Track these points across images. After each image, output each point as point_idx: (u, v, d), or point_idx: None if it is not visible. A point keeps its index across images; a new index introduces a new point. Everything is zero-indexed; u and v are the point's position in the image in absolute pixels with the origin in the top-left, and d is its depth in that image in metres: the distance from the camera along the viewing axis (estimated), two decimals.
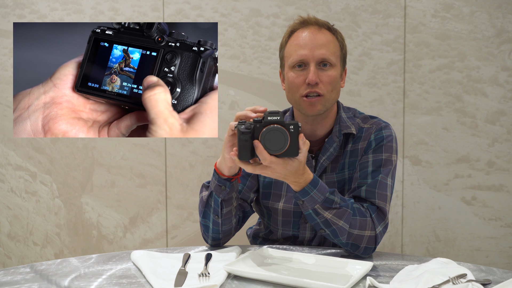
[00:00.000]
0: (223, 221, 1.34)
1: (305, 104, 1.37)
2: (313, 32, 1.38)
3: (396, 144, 1.43)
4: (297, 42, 1.38)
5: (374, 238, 1.30)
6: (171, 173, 2.27)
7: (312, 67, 1.35)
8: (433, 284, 1.04)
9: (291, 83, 1.39)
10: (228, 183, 1.29)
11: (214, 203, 1.32)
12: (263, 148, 1.12)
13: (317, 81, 1.35)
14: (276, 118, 1.13)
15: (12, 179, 2.42)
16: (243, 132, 1.13)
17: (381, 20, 2.07)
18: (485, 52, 2.02)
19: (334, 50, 1.39)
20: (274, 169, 1.16)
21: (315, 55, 1.36)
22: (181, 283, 1.09)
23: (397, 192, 2.11)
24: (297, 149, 1.14)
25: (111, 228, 2.33)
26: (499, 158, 2.04)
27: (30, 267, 1.22)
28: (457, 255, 2.09)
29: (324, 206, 1.24)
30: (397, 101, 2.09)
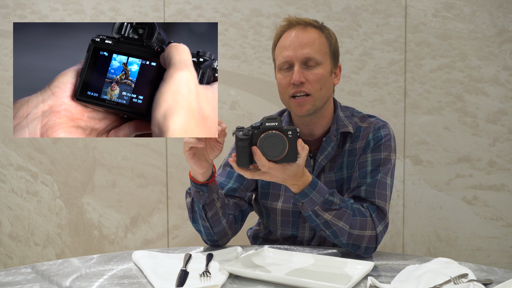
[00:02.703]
0: (212, 224, 1.35)
1: (293, 105, 1.38)
2: (298, 32, 1.39)
3: (394, 143, 1.43)
4: (283, 44, 1.40)
5: (375, 237, 1.30)
6: (172, 173, 2.27)
7: (296, 67, 1.36)
8: (434, 284, 1.04)
9: (279, 84, 1.41)
10: (205, 188, 1.29)
11: (198, 209, 1.34)
12: (262, 154, 1.12)
13: (302, 81, 1.35)
14: (274, 124, 1.13)
15: (13, 179, 2.42)
16: (241, 139, 1.12)
17: (382, 20, 2.07)
18: (486, 52, 2.02)
19: (320, 47, 1.38)
20: (273, 175, 1.16)
21: (298, 54, 1.36)
22: (182, 283, 1.09)
23: (398, 192, 2.10)
24: (295, 155, 1.14)
25: (112, 228, 2.33)
26: (500, 157, 2.04)
27: (31, 267, 1.22)
28: (458, 255, 2.08)
29: (324, 207, 1.24)
30: (398, 100, 2.09)
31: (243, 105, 2.18)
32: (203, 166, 1.24)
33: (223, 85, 2.18)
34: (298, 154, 1.15)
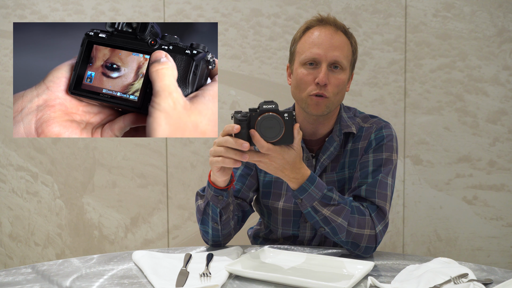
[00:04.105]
0: (223, 227, 1.35)
1: (311, 102, 1.36)
2: (330, 32, 1.37)
3: (396, 144, 1.43)
4: (312, 40, 1.37)
5: (374, 237, 1.30)
6: (172, 173, 2.27)
7: (323, 68, 1.34)
8: (434, 284, 1.04)
9: (300, 79, 1.38)
10: (225, 193, 1.29)
11: (213, 212, 1.33)
12: (260, 136, 1.14)
13: (326, 82, 1.34)
14: (271, 107, 1.15)
15: (14, 179, 2.42)
16: (239, 119, 1.15)
17: (382, 20, 2.07)
18: (486, 52, 2.02)
19: (347, 54, 1.38)
20: (272, 158, 1.16)
21: (329, 56, 1.35)
22: (183, 283, 1.09)
23: (398, 192, 2.10)
24: (292, 137, 1.16)
25: (113, 228, 2.34)
26: (500, 157, 2.04)
27: (32, 267, 1.22)
28: (459, 255, 2.08)
29: (323, 202, 1.24)
30: (398, 100, 2.09)
31: (243, 105, 2.18)
32: (228, 174, 1.25)
33: (223, 85, 2.18)
34: (294, 137, 1.16)
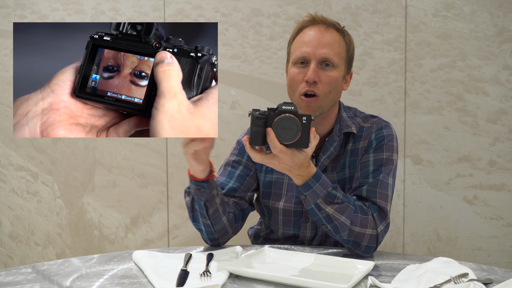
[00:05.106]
0: (213, 221, 1.35)
1: (303, 105, 1.37)
2: (319, 30, 1.39)
3: (396, 143, 1.43)
4: (303, 39, 1.39)
5: (376, 237, 1.30)
6: (172, 173, 2.27)
7: (312, 65, 1.36)
8: (434, 284, 1.04)
9: (292, 79, 1.40)
10: (205, 184, 1.30)
11: (199, 207, 1.34)
12: (275, 136, 1.13)
13: (316, 80, 1.35)
14: (290, 108, 1.14)
15: (14, 179, 2.42)
16: (257, 117, 1.14)
17: (382, 20, 2.07)
18: (486, 51, 2.02)
19: (339, 51, 1.39)
20: (281, 160, 1.16)
21: (317, 53, 1.36)
22: (183, 283, 1.09)
23: (398, 192, 2.10)
24: (307, 141, 1.15)
25: (113, 228, 2.34)
26: (500, 157, 2.04)
27: (32, 267, 1.22)
28: (459, 255, 2.08)
29: (326, 200, 1.24)
30: (398, 100, 2.09)
31: (243, 105, 2.18)
32: (204, 161, 1.25)
33: (223, 85, 2.18)
34: (309, 142, 1.15)
